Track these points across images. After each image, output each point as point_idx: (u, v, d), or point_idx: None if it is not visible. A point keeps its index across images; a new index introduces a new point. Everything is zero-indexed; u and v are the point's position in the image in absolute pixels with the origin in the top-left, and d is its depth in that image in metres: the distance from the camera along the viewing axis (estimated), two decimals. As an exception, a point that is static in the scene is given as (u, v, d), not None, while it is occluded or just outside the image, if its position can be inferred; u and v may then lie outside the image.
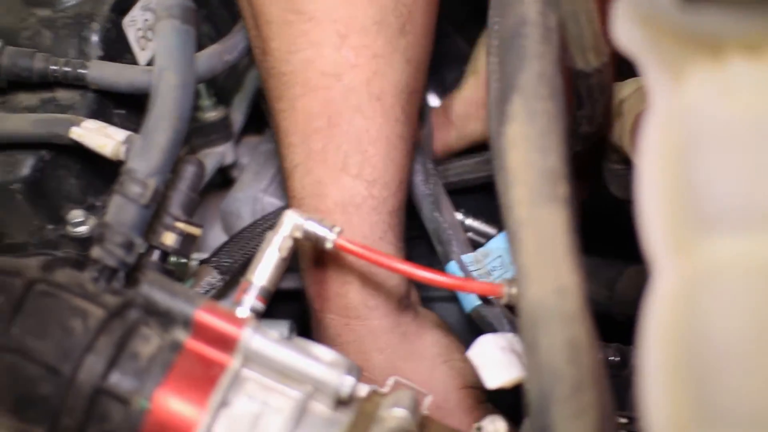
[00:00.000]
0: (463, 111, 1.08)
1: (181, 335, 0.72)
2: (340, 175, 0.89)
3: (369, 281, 0.91)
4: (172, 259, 0.86)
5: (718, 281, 0.55)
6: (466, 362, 0.87)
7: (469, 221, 1.07)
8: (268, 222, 1.02)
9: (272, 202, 1.10)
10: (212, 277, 0.97)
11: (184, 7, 0.84)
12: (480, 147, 1.10)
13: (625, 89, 0.86)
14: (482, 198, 1.07)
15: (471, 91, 1.08)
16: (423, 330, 0.95)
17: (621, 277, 1.06)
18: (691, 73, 0.56)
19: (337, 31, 0.88)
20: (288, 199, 0.92)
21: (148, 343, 0.72)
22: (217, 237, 1.13)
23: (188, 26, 0.83)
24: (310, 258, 0.92)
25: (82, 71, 0.94)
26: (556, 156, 0.68)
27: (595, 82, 0.78)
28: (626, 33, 0.60)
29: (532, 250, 0.66)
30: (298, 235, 0.80)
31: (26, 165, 0.92)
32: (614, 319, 1.07)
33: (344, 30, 0.88)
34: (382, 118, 0.90)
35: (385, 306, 0.92)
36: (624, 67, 0.80)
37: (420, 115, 0.98)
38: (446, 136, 1.08)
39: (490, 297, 0.93)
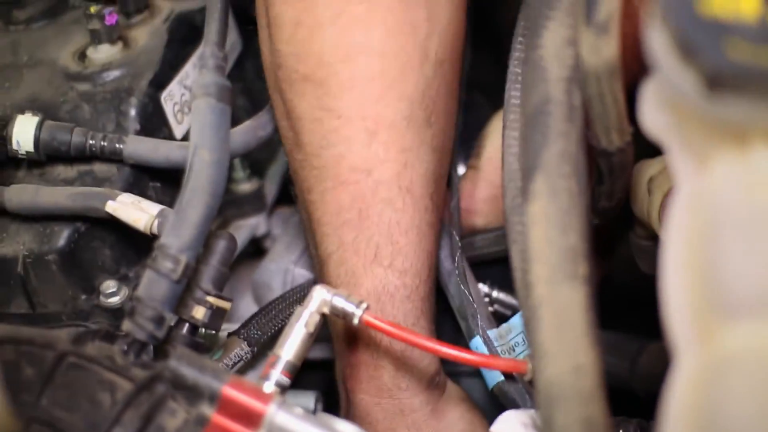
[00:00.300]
0: (488, 194, 1.08)
1: (207, 410, 0.72)
2: (372, 265, 0.90)
3: (402, 363, 0.91)
4: (202, 330, 0.86)
5: (737, 368, 0.55)
6: None
7: (495, 293, 1.07)
8: (297, 294, 1.03)
9: (303, 273, 1.10)
10: (241, 349, 0.97)
11: (220, 86, 0.85)
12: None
13: (654, 167, 0.86)
14: (504, 269, 1.07)
15: (492, 174, 1.07)
16: (449, 406, 0.95)
17: (643, 353, 1.06)
18: (716, 160, 0.57)
19: (367, 128, 0.89)
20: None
21: (175, 417, 0.72)
22: (247, 307, 1.14)
23: (223, 105, 0.85)
24: (343, 339, 0.92)
25: (119, 146, 0.95)
26: (577, 235, 0.69)
27: (618, 161, 0.78)
28: (652, 117, 0.60)
29: (550, 329, 0.67)
30: (326, 310, 0.81)
31: (62, 237, 0.94)
32: (635, 394, 1.07)
33: (374, 126, 0.89)
34: (412, 209, 0.90)
35: (417, 386, 0.92)
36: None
37: (448, 184, 0.99)
38: (472, 216, 1.08)
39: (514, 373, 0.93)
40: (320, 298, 0.81)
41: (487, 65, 1.21)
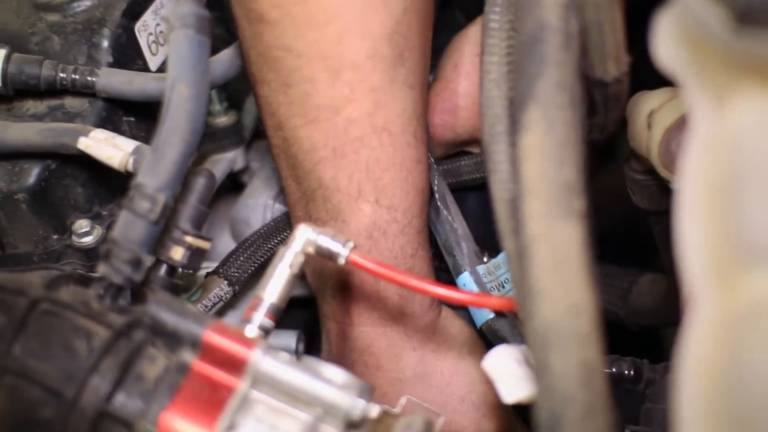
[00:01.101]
0: (452, 104, 1.03)
1: (188, 356, 0.70)
2: (357, 202, 0.89)
3: (405, 293, 0.91)
4: (179, 270, 0.84)
5: (760, 317, 0.53)
6: None
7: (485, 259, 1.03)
8: (274, 228, 1.00)
9: (282, 209, 1.08)
10: (220, 289, 0.95)
11: (199, 17, 0.81)
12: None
13: (654, 99, 0.83)
14: (481, 198, 1.04)
15: (456, 83, 1.03)
16: (448, 321, 0.95)
17: (635, 286, 1.05)
18: (737, 99, 0.54)
19: (328, 67, 0.87)
20: (311, 222, 0.90)
21: (155, 364, 0.70)
22: (225, 244, 1.11)
23: (202, 36, 0.81)
24: (335, 275, 0.91)
25: (92, 79, 0.92)
26: (574, 168, 0.66)
27: (613, 92, 0.77)
28: (668, 51, 0.57)
29: (545, 267, 0.64)
30: (311, 250, 0.78)
31: (32, 174, 0.91)
32: (627, 329, 1.05)
33: (336, 65, 0.87)
34: (392, 147, 0.89)
35: (420, 307, 0.92)
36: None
37: None
38: (440, 130, 1.03)
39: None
40: (305, 237, 0.78)
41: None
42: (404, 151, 0.90)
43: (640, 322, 1.05)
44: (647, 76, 0.77)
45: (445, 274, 0.97)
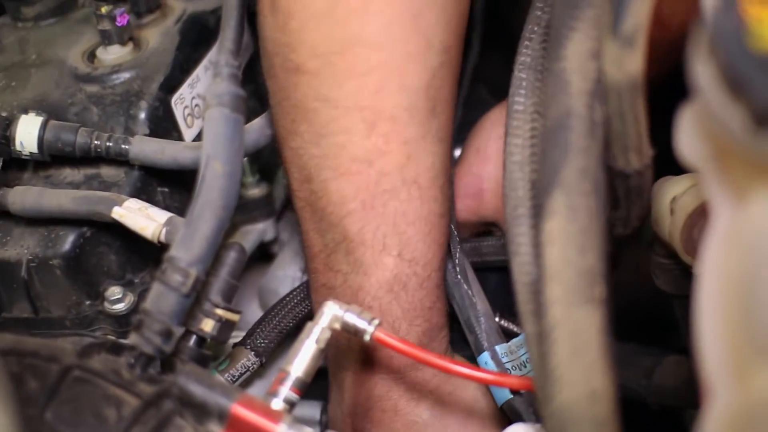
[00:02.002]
0: (476, 189, 1.04)
1: (215, 428, 0.71)
2: (381, 255, 0.89)
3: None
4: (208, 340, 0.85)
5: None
6: None
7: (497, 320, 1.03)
8: (297, 296, 1.01)
9: (311, 282, 1.08)
10: (248, 360, 0.96)
11: (234, 95, 0.83)
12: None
13: (678, 186, 0.84)
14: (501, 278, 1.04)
15: (480, 167, 1.04)
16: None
17: (660, 367, 1.05)
18: (757, 196, 0.55)
19: (365, 119, 0.88)
20: (331, 274, 0.92)
21: (182, 435, 0.71)
22: (253, 313, 1.12)
23: (237, 115, 0.83)
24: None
25: (125, 147, 0.94)
26: (596, 255, 0.67)
27: (634, 184, 0.76)
28: (689, 145, 0.58)
29: (565, 352, 0.65)
30: (337, 326, 0.80)
31: (67, 241, 0.92)
32: (649, 408, 1.05)
33: (372, 118, 0.88)
34: (419, 200, 0.89)
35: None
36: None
37: None
38: (468, 216, 1.05)
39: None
40: (331, 313, 0.80)
41: (496, 65, 1.20)
42: (430, 205, 0.90)
43: (663, 402, 1.05)
44: (673, 163, 0.78)
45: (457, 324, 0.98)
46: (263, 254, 1.19)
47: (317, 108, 0.88)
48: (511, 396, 0.93)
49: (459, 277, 0.96)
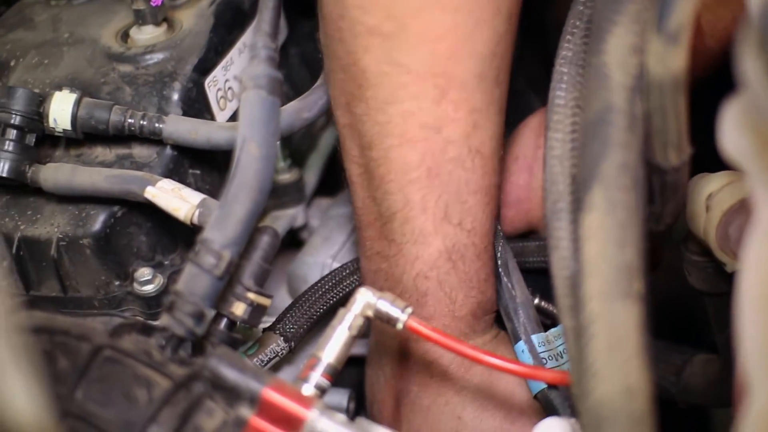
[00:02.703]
0: (517, 197, 1.03)
1: (246, 412, 0.71)
2: (442, 224, 0.89)
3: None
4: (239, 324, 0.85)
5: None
6: None
7: (536, 301, 1.03)
8: (328, 283, 1.01)
9: (341, 269, 1.08)
10: (277, 345, 0.95)
11: (271, 78, 0.83)
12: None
13: (714, 182, 0.84)
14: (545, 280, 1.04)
15: (517, 176, 1.03)
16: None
17: (689, 365, 1.05)
18: (801, 192, 0.54)
19: (437, 85, 0.87)
20: (385, 243, 0.92)
21: (213, 417, 0.70)
22: (282, 299, 1.12)
23: (274, 97, 0.82)
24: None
25: (159, 126, 0.93)
26: (634, 250, 0.67)
27: (671, 180, 0.76)
28: (733, 140, 0.58)
29: (602, 348, 0.65)
30: (370, 313, 0.79)
31: (98, 220, 0.92)
32: (677, 406, 1.05)
33: (444, 84, 0.87)
34: (482, 170, 0.90)
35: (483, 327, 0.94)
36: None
37: None
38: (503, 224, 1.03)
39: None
40: (364, 300, 0.79)
41: (532, 64, 1.19)
42: (490, 176, 0.91)
43: (691, 400, 1.05)
44: (709, 162, 0.78)
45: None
46: (292, 240, 1.18)
47: (388, 73, 0.88)
48: (546, 387, 0.93)
49: (499, 266, 0.96)
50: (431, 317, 0.91)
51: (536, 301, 1.01)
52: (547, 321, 1.02)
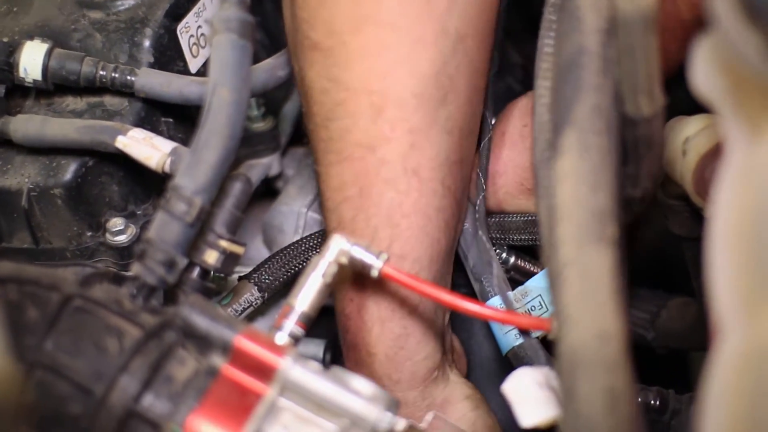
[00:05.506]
0: (496, 169, 1.00)
1: (218, 360, 0.70)
2: None
3: (395, 354, 0.89)
4: (211, 273, 0.84)
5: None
6: None
7: (512, 259, 1.01)
8: (311, 241, 1.00)
9: (316, 218, 1.08)
10: (251, 294, 0.95)
11: (243, 22, 0.81)
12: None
13: (690, 126, 0.83)
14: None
15: (500, 149, 1.01)
16: (450, 404, 0.92)
17: (665, 310, 1.05)
18: (773, 129, 0.54)
19: (373, 103, 0.86)
20: None
21: (184, 366, 0.70)
22: (257, 249, 1.12)
23: (245, 41, 0.81)
24: (342, 315, 0.91)
25: (131, 78, 0.92)
26: (607, 194, 0.67)
27: (643, 134, 0.74)
28: (705, 79, 0.57)
29: (575, 292, 0.64)
30: (344, 260, 0.78)
31: (69, 170, 0.91)
32: (654, 353, 1.05)
33: (380, 102, 0.86)
34: (418, 192, 0.87)
35: (410, 379, 0.90)
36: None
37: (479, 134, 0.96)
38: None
39: (531, 331, 0.91)
40: (338, 247, 0.78)
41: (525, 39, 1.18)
42: (428, 198, 0.88)
43: (669, 345, 1.05)
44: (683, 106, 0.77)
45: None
46: (267, 190, 1.18)
47: (328, 89, 0.87)
48: (518, 343, 0.92)
49: (477, 221, 0.95)
50: (353, 345, 0.91)
51: (512, 259, 0.99)
52: (523, 279, 1.01)
